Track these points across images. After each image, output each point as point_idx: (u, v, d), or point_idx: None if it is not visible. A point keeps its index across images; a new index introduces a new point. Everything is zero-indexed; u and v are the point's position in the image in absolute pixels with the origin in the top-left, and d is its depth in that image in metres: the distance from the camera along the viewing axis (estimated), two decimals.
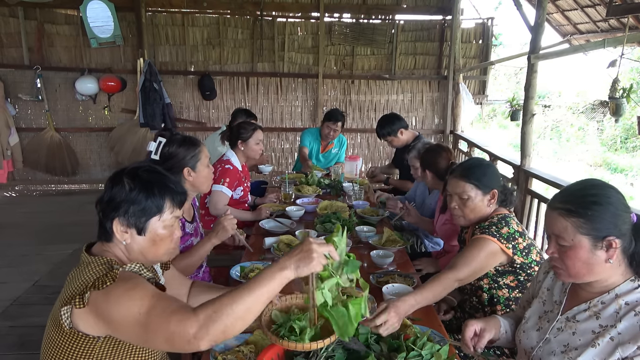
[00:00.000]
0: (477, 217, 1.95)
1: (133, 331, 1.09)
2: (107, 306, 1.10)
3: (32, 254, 4.28)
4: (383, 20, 6.34)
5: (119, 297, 1.09)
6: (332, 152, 4.61)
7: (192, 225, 2.19)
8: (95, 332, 1.15)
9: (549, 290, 1.47)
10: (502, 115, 12.45)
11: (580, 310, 1.31)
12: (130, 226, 1.26)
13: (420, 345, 1.39)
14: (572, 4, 5.37)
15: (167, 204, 1.30)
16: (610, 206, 1.22)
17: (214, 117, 6.43)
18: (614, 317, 1.23)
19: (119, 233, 1.25)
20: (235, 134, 3.18)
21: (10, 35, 5.96)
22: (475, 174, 1.92)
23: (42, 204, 5.97)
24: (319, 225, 2.64)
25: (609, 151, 10.90)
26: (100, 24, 5.72)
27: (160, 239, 1.30)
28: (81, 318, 1.13)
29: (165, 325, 1.05)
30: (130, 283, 1.13)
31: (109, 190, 1.27)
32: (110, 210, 1.25)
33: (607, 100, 3.51)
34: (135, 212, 1.25)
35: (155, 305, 1.09)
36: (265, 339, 1.51)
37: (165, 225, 1.30)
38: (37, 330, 3.01)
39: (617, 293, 1.26)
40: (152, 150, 2.05)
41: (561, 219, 1.24)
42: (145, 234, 1.28)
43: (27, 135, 6.22)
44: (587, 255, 1.22)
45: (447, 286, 1.73)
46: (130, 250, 1.28)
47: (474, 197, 1.91)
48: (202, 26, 6.21)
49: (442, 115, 6.54)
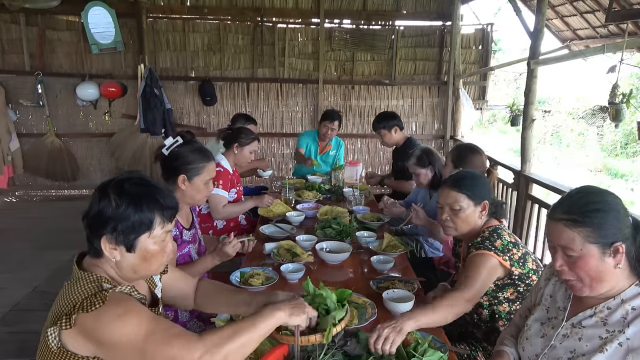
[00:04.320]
0: (469, 229, 1.93)
1: (128, 356, 1.09)
2: (97, 329, 1.07)
3: (32, 259, 4.27)
4: (383, 26, 6.36)
5: (110, 322, 1.07)
6: (330, 154, 4.61)
7: (190, 232, 2.17)
8: (84, 352, 1.12)
9: (551, 297, 1.45)
10: (502, 120, 12.47)
11: (586, 316, 1.30)
12: (119, 244, 1.19)
13: (422, 351, 1.38)
14: (571, 10, 5.39)
15: (157, 219, 1.23)
16: (612, 212, 1.22)
17: (214, 123, 6.44)
18: (621, 323, 1.22)
19: (107, 250, 1.19)
20: (235, 136, 3.18)
21: (12, 41, 5.98)
22: (467, 185, 1.91)
23: (43, 210, 5.97)
24: (319, 231, 2.63)
25: (609, 156, 10.91)
26: (101, 30, 5.74)
27: (151, 255, 1.24)
28: (70, 337, 1.10)
29: (167, 349, 1.08)
30: (122, 307, 1.10)
31: (95, 204, 1.19)
32: (97, 226, 1.19)
33: (607, 105, 3.51)
34: (123, 230, 1.18)
35: (155, 330, 1.09)
36: (264, 344, 1.51)
37: (156, 241, 1.24)
38: (36, 336, 2.98)
39: (622, 298, 1.25)
40: (166, 144, 2.07)
41: (567, 230, 1.22)
42: (135, 252, 1.21)
43: (28, 141, 6.22)
44: (597, 263, 1.21)
45: (458, 309, 1.67)
46: (121, 267, 1.23)
47: (465, 207, 1.89)
48: (202, 32, 6.23)
49: (442, 120, 6.54)
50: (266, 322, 1.23)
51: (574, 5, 5.23)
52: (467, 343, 1.93)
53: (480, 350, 1.89)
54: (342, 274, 2.22)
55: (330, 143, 4.54)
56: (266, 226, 2.79)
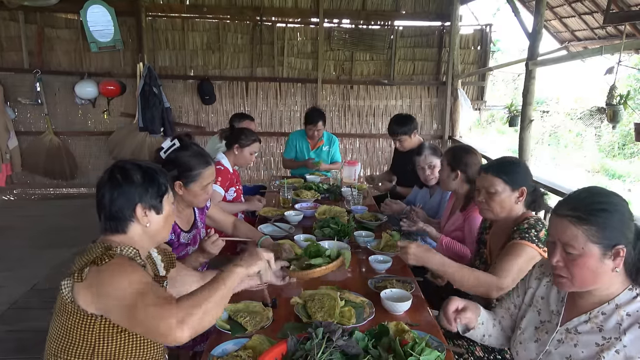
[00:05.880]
0: (505, 214, 1.92)
1: (118, 308, 1.17)
2: (99, 280, 1.19)
3: (30, 257, 4.27)
4: (382, 26, 6.37)
5: (113, 274, 1.19)
6: (324, 150, 4.54)
7: (190, 234, 2.18)
8: (91, 310, 1.22)
9: (543, 298, 1.44)
10: (501, 121, 12.48)
11: (581, 321, 1.30)
12: (150, 208, 1.38)
13: (419, 350, 1.39)
14: (569, 11, 5.41)
15: (166, 182, 1.45)
16: (618, 213, 1.21)
17: (213, 122, 6.44)
18: (617, 329, 1.22)
19: (141, 218, 1.37)
20: (235, 137, 3.18)
21: (11, 39, 5.97)
22: (504, 170, 1.92)
23: (41, 208, 5.96)
24: (318, 230, 2.64)
25: (606, 157, 10.93)
26: (100, 28, 5.74)
27: (169, 215, 1.46)
28: (80, 294, 1.21)
29: (154, 309, 1.14)
30: (130, 266, 1.23)
31: (117, 186, 1.35)
32: (127, 201, 1.35)
33: (605, 106, 3.52)
34: (152, 194, 1.38)
35: (148, 291, 1.17)
36: (263, 344, 1.52)
37: (171, 202, 1.47)
38: (35, 334, 3.00)
39: (617, 303, 1.25)
40: (164, 147, 2.05)
41: (571, 227, 1.22)
42: (162, 212, 1.42)
43: (26, 139, 6.22)
44: (596, 264, 1.20)
45: (483, 290, 1.73)
46: (148, 232, 1.40)
47: (501, 191, 1.89)
48: (201, 31, 6.23)
49: (441, 120, 6.55)
50: (231, 278, 1.33)
51: (572, 6, 5.25)
52: (465, 339, 1.94)
53: (479, 345, 1.90)
54: (340, 274, 2.22)
55: (322, 139, 4.50)
56: (264, 225, 2.80)
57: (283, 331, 1.62)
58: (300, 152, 4.52)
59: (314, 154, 4.48)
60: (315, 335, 1.39)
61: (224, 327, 1.63)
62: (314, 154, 4.48)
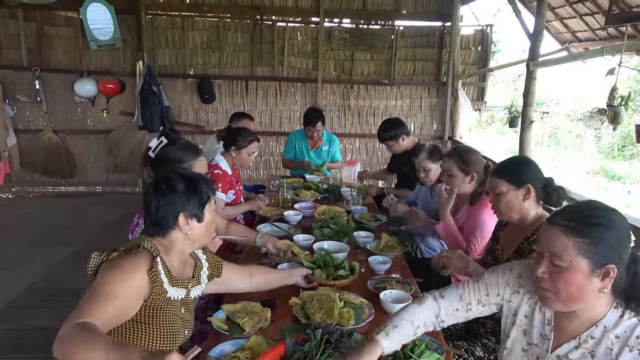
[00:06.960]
0: (517, 215, 1.90)
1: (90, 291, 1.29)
2: (104, 267, 1.35)
3: (28, 256, 4.25)
4: (383, 25, 6.36)
5: (110, 263, 1.35)
6: (324, 150, 4.52)
7: None
8: None
9: (527, 317, 1.37)
10: (501, 121, 12.47)
11: (572, 347, 1.26)
12: (192, 217, 1.46)
13: (419, 353, 1.38)
14: (571, 12, 5.40)
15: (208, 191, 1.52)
16: (616, 230, 1.15)
17: (212, 121, 6.43)
18: (608, 355, 1.19)
19: (183, 226, 1.45)
20: (232, 138, 3.10)
21: (10, 36, 5.96)
22: (506, 170, 1.92)
23: (39, 206, 5.94)
24: (317, 230, 2.63)
25: (606, 159, 10.93)
26: (100, 26, 5.72)
27: (210, 223, 1.53)
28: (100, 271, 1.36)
29: (74, 310, 1.21)
30: (126, 262, 1.34)
31: (162, 196, 1.44)
32: (171, 210, 1.44)
33: (606, 108, 3.52)
34: (194, 204, 1.46)
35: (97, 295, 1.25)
36: (261, 345, 1.50)
37: (213, 209, 1.54)
38: (31, 333, 2.97)
39: (605, 325, 1.21)
40: (152, 147, 2.05)
41: (563, 237, 1.17)
42: (203, 221, 1.49)
43: (25, 137, 6.20)
44: (583, 280, 1.15)
45: None
46: (190, 238, 1.48)
47: (505, 192, 1.88)
48: (202, 30, 6.21)
49: (441, 121, 6.55)
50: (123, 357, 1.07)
51: (573, 7, 5.24)
52: (466, 340, 1.93)
53: (479, 346, 1.89)
54: None
55: (321, 139, 4.48)
56: (263, 225, 2.78)
57: (281, 332, 1.62)
58: (299, 152, 4.51)
59: (313, 154, 4.48)
60: (314, 337, 1.39)
61: (222, 327, 1.61)
62: (313, 154, 4.48)
